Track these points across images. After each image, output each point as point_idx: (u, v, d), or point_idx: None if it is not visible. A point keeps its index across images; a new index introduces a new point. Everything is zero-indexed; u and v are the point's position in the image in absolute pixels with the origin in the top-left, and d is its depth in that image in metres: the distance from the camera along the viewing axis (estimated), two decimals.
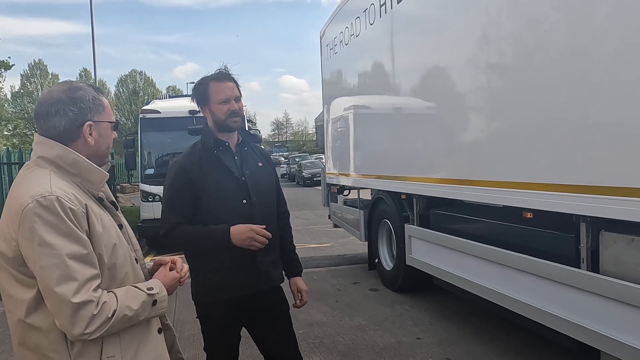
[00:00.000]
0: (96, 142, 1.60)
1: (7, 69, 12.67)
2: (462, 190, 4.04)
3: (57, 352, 1.45)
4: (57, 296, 1.37)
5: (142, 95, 49.30)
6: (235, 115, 2.38)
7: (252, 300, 2.41)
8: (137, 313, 1.50)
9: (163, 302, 1.60)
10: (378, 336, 4.58)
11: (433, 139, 4.62)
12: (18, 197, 1.45)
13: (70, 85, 1.58)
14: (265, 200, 2.44)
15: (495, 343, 4.26)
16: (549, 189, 3.07)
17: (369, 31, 5.89)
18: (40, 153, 1.54)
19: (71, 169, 1.54)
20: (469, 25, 3.91)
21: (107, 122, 1.63)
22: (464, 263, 4.18)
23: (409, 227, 5.31)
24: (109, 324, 1.42)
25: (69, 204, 1.43)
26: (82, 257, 1.42)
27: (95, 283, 1.43)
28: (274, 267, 2.48)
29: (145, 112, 9.97)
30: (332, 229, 9.26)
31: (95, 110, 1.59)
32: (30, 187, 1.45)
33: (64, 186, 1.48)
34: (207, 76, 2.43)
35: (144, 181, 9.68)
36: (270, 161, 2.63)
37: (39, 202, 1.40)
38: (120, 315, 1.45)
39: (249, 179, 2.39)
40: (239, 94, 2.42)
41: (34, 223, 1.39)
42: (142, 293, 1.54)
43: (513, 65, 3.48)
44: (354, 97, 6.82)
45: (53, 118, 1.53)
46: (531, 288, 3.34)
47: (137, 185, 10.71)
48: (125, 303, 1.47)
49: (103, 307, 1.41)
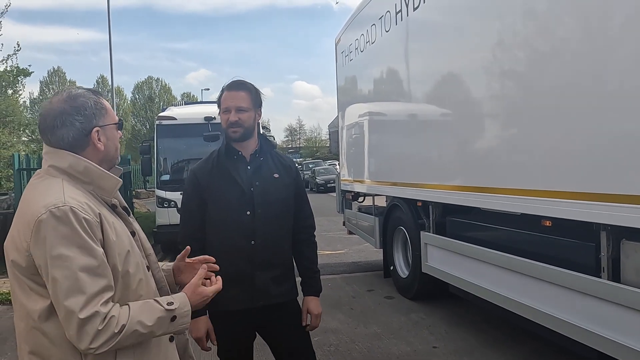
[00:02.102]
0: (105, 147, 1.58)
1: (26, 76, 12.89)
2: (480, 198, 4.01)
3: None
4: (65, 309, 1.36)
5: (158, 102, 49.81)
6: (234, 126, 2.32)
7: (258, 312, 2.35)
8: (151, 330, 1.45)
9: (184, 318, 1.53)
10: (393, 344, 4.55)
11: (449, 146, 4.59)
12: (31, 207, 1.43)
13: (70, 94, 1.55)
14: (273, 213, 2.34)
15: (512, 352, 4.21)
16: (569, 196, 3.03)
17: (384, 38, 5.90)
18: (52, 162, 1.52)
19: (83, 177, 1.52)
20: (486, 32, 3.90)
21: (112, 124, 1.60)
22: (481, 271, 4.14)
23: (424, 235, 5.27)
24: (117, 339, 1.38)
25: (83, 214, 1.41)
26: (94, 270, 1.39)
27: (106, 296, 1.40)
28: (275, 284, 2.37)
29: (161, 119, 10.07)
30: (346, 235, 9.24)
31: (99, 115, 1.56)
32: (43, 197, 1.43)
33: (78, 195, 1.46)
34: (225, 84, 2.44)
35: (160, 187, 9.76)
36: (290, 172, 2.49)
37: (52, 213, 1.38)
38: (130, 331, 1.40)
39: (257, 190, 2.32)
40: (241, 105, 2.33)
41: (47, 234, 1.37)
42: (159, 308, 1.48)
43: (530, 71, 3.46)
44: (369, 104, 6.82)
45: (60, 130, 1.50)
46: (550, 297, 3.29)
47: (153, 191, 10.78)
48: (137, 318, 1.42)
49: (110, 322, 1.38)
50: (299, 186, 2.54)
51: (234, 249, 2.31)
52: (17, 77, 12.72)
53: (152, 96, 52.48)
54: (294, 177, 2.51)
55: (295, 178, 2.52)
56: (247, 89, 2.38)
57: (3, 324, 5.59)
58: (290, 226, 2.47)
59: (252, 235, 2.29)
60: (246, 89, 2.38)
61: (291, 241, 2.49)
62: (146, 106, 51.55)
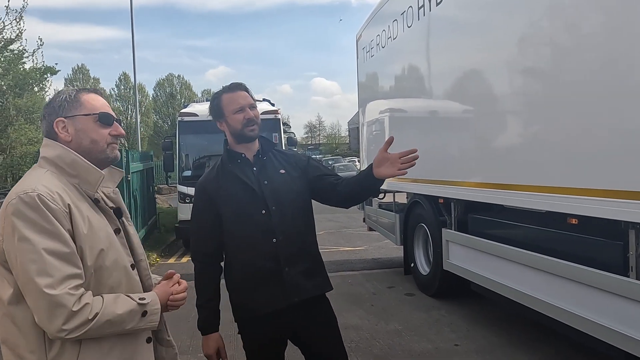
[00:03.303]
0: (75, 138, 1.57)
1: (53, 74, 13.15)
2: (503, 195, 3.96)
3: (33, 354, 1.43)
4: (34, 290, 1.36)
5: (179, 99, 50.28)
6: (252, 124, 2.29)
7: (288, 314, 2.27)
8: (121, 319, 1.45)
9: (154, 315, 1.53)
10: (415, 341, 4.53)
11: (472, 143, 4.55)
12: (8, 196, 1.47)
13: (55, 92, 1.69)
14: (288, 207, 2.29)
15: (536, 352, 4.16)
16: (596, 194, 2.98)
17: (406, 34, 5.85)
18: (43, 154, 1.58)
19: (70, 170, 1.55)
20: (509, 27, 3.84)
21: (81, 115, 1.58)
22: (505, 269, 4.10)
23: (446, 232, 5.24)
24: (89, 326, 1.38)
25: (50, 202, 1.42)
26: (62, 255, 1.40)
27: (75, 282, 1.40)
28: (306, 277, 2.30)
29: (183, 115, 10.19)
30: (365, 232, 9.22)
31: (68, 107, 1.58)
32: (19, 185, 1.48)
33: (52, 186, 1.48)
34: (220, 90, 2.40)
35: (182, 183, 9.87)
36: (296, 165, 2.42)
37: (21, 199, 1.41)
38: (103, 320, 1.41)
39: (267, 188, 2.28)
40: (253, 102, 2.33)
41: (15, 218, 1.39)
42: (131, 302, 1.49)
43: (554, 67, 3.41)
44: (389, 100, 6.79)
45: (42, 123, 1.64)
46: (576, 296, 3.24)
47: (175, 187, 10.92)
48: (110, 308, 1.43)
49: (84, 308, 1.38)
50: (314, 168, 2.44)
51: (257, 249, 2.27)
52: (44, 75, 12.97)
53: (174, 93, 52.98)
54: (303, 166, 2.42)
55: (305, 167, 2.42)
56: (246, 89, 2.36)
57: None
58: (310, 219, 2.41)
59: (273, 233, 2.25)
60: (246, 89, 2.36)
61: (315, 234, 2.45)
62: (167, 103, 52.06)
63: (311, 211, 2.44)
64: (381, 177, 2.20)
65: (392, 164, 2.18)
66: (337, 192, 2.35)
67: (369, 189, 2.34)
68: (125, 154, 8.62)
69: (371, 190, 2.35)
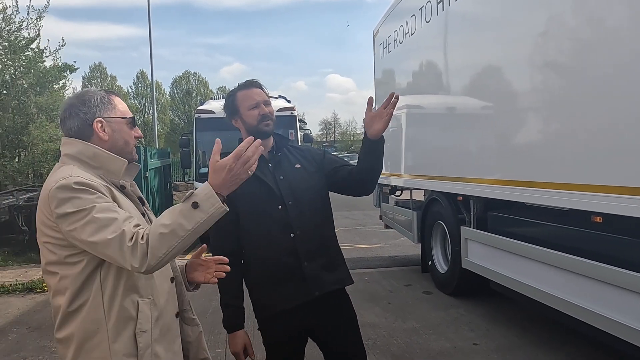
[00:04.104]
0: (111, 138, 1.68)
1: (72, 71, 13.31)
2: (524, 192, 3.90)
3: (95, 323, 1.55)
4: (103, 241, 1.46)
5: (196, 96, 50.61)
6: (267, 119, 2.30)
7: (308, 309, 2.27)
8: (175, 225, 1.47)
9: (210, 199, 1.50)
10: (433, 340, 4.49)
11: (492, 139, 4.48)
12: (44, 188, 1.57)
13: (82, 91, 1.73)
14: (305, 202, 2.29)
15: (556, 352, 4.09)
16: (621, 191, 2.91)
17: (424, 29, 5.79)
18: (65, 151, 1.67)
19: (92, 162, 1.64)
20: (530, 22, 3.77)
21: (118, 117, 1.71)
22: (526, 268, 4.03)
23: (465, 230, 5.17)
24: (165, 250, 1.46)
25: (89, 181, 1.54)
26: (113, 207, 1.53)
27: (134, 221, 1.52)
28: (327, 271, 2.31)
29: (200, 112, 10.24)
30: (381, 229, 9.18)
31: (104, 108, 1.68)
32: (53, 177, 1.58)
33: (85, 174, 1.58)
34: (235, 88, 2.40)
35: (198, 179, 9.95)
36: (312, 159, 2.41)
37: (61, 184, 1.52)
38: (169, 230, 1.46)
39: (283, 183, 2.29)
40: (267, 99, 2.34)
41: (61, 199, 1.50)
42: (175, 207, 1.54)
43: (577, 62, 3.34)
44: (407, 96, 6.72)
45: (68, 121, 1.67)
46: (601, 296, 3.18)
47: (192, 184, 10.99)
48: (161, 221, 1.49)
49: (139, 231, 1.47)
50: (330, 161, 2.43)
51: (276, 245, 2.26)
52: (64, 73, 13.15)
53: (190, 90, 53.35)
54: (319, 161, 2.41)
55: (321, 161, 2.41)
56: (260, 86, 2.37)
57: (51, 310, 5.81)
58: (327, 213, 2.40)
59: (290, 228, 2.25)
60: (260, 86, 2.37)
61: (333, 228, 2.43)
62: (184, 100, 52.44)
63: (329, 205, 2.43)
64: (375, 134, 2.21)
65: (380, 116, 2.19)
66: (353, 178, 2.34)
67: (373, 160, 2.28)
68: (143, 151, 8.70)
69: (377, 160, 2.29)
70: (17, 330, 5.20)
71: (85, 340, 1.57)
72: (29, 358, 4.46)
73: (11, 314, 5.73)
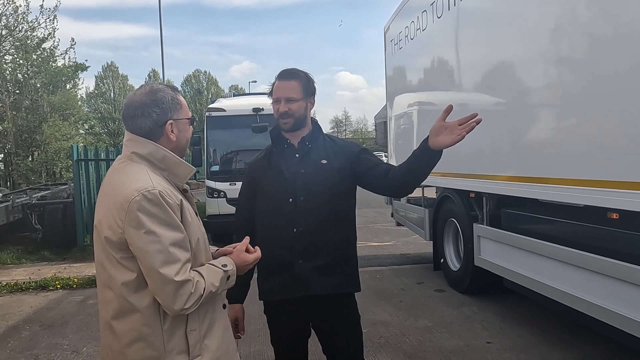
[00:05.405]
0: (177, 138, 1.74)
1: (83, 70, 13.44)
2: (539, 189, 3.83)
3: (150, 327, 1.61)
4: (161, 277, 1.54)
5: (206, 95, 50.81)
6: (283, 117, 2.28)
7: (307, 304, 2.28)
8: (217, 289, 1.67)
9: (233, 276, 1.76)
10: (445, 338, 4.44)
11: (505, 135, 4.41)
12: (122, 190, 1.59)
13: (151, 88, 1.73)
14: (318, 199, 2.24)
15: (572, 351, 4.02)
16: (638, 187, 2.84)
17: (436, 25, 5.73)
18: (134, 149, 1.69)
19: (160, 164, 1.69)
20: (543, 17, 3.70)
21: (185, 119, 1.77)
22: (540, 266, 3.97)
23: (478, 227, 5.11)
24: (202, 300, 1.60)
25: (167, 198, 1.60)
26: (180, 243, 1.59)
27: (189, 265, 1.61)
28: (319, 275, 2.24)
29: (211, 111, 10.24)
30: (393, 227, 9.14)
31: (174, 109, 1.72)
32: (133, 181, 1.60)
33: (161, 181, 1.64)
34: (277, 74, 2.39)
35: (209, 178, 9.94)
36: (343, 155, 2.34)
37: (144, 196, 1.56)
38: (208, 292, 1.62)
39: (301, 177, 2.26)
40: (291, 95, 2.27)
41: (141, 214, 1.54)
42: (219, 270, 1.70)
43: (592, 57, 3.26)
44: (418, 93, 6.67)
45: (139, 120, 1.68)
46: (618, 294, 3.11)
47: (203, 182, 11.02)
48: (210, 280, 1.64)
49: (198, 285, 1.59)
50: (365, 160, 2.33)
51: (276, 237, 2.27)
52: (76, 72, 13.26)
53: (201, 89, 53.59)
54: (352, 159, 2.33)
55: (355, 159, 2.33)
56: (297, 78, 2.30)
57: (64, 308, 5.86)
58: (340, 214, 2.32)
59: (294, 223, 2.24)
60: (297, 78, 2.30)
61: (348, 231, 2.37)
62: (195, 99, 52.68)
63: (345, 207, 2.36)
64: (439, 146, 2.04)
65: (451, 131, 2.02)
66: (389, 179, 2.23)
67: (423, 168, 2.15)
68: None
69: (425, 170, 2.15)
70: (30, 327, 5.23)
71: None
72: (42, 355, 4.48)
73: (24, 312, 5.78)
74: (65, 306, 5.93)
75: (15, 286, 6.77)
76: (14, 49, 11.51)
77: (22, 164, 11.07)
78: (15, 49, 11.48)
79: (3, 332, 5.14)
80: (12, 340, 4.91)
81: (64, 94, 12.80)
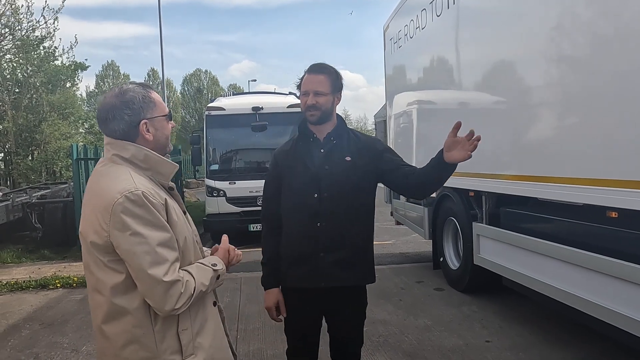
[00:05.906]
0: (155, 137, 1.71)
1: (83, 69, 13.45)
2: (538, 188, 3.83)
3: (141, 328, 1.61)
4: (150, 278, 1.53)
5: (206, 94, 50.79)
6: (311, 110, 2.35)
7: (324, 294, 2.39)
8: (207, 288, 1.68)
9: (223, 275, 1.78)
10: (445, 337, 4.44)
11: (505, 134, 4.41)
12: (105, 193, 1.57)
13: (121, 90, 1.69)
14: (341, 195, 2.33)
15: (571, 350, 4.02)
16: (637, 186, 2.84)
17: (435, 23, 5.73)
18: (115, 151, 1.67)
19: (143, 165, 1.67)
20: (544, 15, 3.70)
21: (160, 116, 1.73)
22: (540, 264, 3.97)
23: (477, 226, 5.11)
24: (192, 299, 1.60)
25: (151, 198, 1.58)
26: (167, 243, 1.58)
27: (178, 264, 1.60)
28: (340, 267, 2.36)
29: (210, 110, 10.23)
30: (393, 226, 9.13)
31: (147, 108, 1.68)
32: (116, 183, 1.58)
33: (145, 182, 1.62)
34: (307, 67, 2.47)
35: (209, 177, 9.93)
36: (367, 152, 2.40)
37: (127, 197, 1.54)
38: (198, 291, 1.62)
39: (325, 173, 2.34)
40: (319, 88, 2.34)
41: (125, 216, 1.53)
42: (209, 269, 1.71)
43: (592, 56, 3.26)
44: (418, 92, 6.67)
45: (111, 123, 1.66)
46: (617, 293, 3.11)
47: (203, 181, 11.01)
48: (200, 280, 1.64)
49: (187, 285, 1.59)
50: (388, 160, 2.41)
51: (301, 230, 2.36)
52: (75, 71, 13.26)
53: (201, 88, 53.55)
54: (375, 156, 2.40)
55: (378, 157, 2.41)
56: (327, 72, 2.39)
57: (64, 307, 5.86)
58: (361, 210, 2.41)
59: (318, 218, 2.32)
60: (326, 73, 2.39)
61: (368, 226, 2.47)
62: (195, 98, 52.68)
63: (367, 202, 2.45)
64: (453, 161, 2.19)
65: (463, 147, 2.16)
66: (408, 183, 2.38)
67: (440, 178, 2.33)
68: None
69: (442, 180, 2.35)
70: (30, 326, 5.24)
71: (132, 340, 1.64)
72: (42, 354, 4.48)
73: (24, 311, 5.78)
74: (65, 305, 5.93)
75: (16, 285, 6.77)
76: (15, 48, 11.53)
77: (22, 163, 11.08)
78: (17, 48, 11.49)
79: (3, 330, 5.15)
80: (13, 338, 4.91)
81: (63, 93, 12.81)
